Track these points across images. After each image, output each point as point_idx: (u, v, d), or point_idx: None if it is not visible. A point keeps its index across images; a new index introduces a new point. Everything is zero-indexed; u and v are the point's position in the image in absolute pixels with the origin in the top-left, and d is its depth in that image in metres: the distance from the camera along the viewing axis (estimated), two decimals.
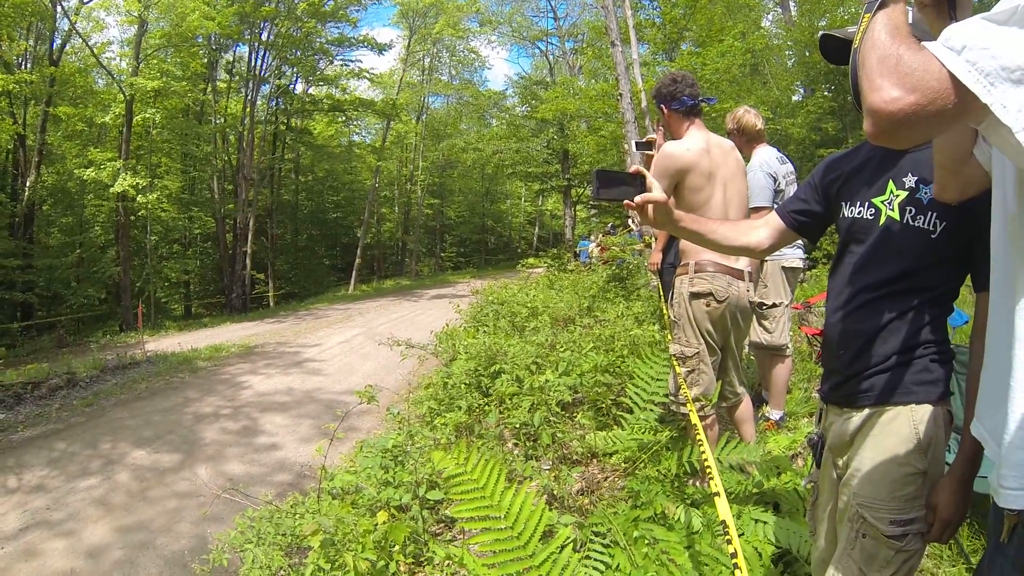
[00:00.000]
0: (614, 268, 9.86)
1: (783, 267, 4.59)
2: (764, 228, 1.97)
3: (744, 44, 17.49)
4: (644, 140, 4.42)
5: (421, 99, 41.75)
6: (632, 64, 13.74)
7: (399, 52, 38.75)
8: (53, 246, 26.89)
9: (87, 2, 24.88)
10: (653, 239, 6.72)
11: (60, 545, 4.45)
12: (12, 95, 22.56)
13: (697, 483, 3.36)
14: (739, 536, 2.55)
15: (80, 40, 24.59)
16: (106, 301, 27.28)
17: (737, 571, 1.50)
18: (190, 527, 4.66)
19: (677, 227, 1.88)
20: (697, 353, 3.37)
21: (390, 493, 3.40)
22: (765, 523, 2.68)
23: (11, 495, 5.34)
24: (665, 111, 3.58)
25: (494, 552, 2.46)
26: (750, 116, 4.64)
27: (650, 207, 1.78)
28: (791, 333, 4.79)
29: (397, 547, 2.93)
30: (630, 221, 12.39)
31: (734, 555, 1.55)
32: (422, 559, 3.15)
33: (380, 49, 31.79)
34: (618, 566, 2.58)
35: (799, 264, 4.70)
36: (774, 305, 4.57)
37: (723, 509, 1.73)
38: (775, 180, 4.41)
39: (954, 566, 2.74)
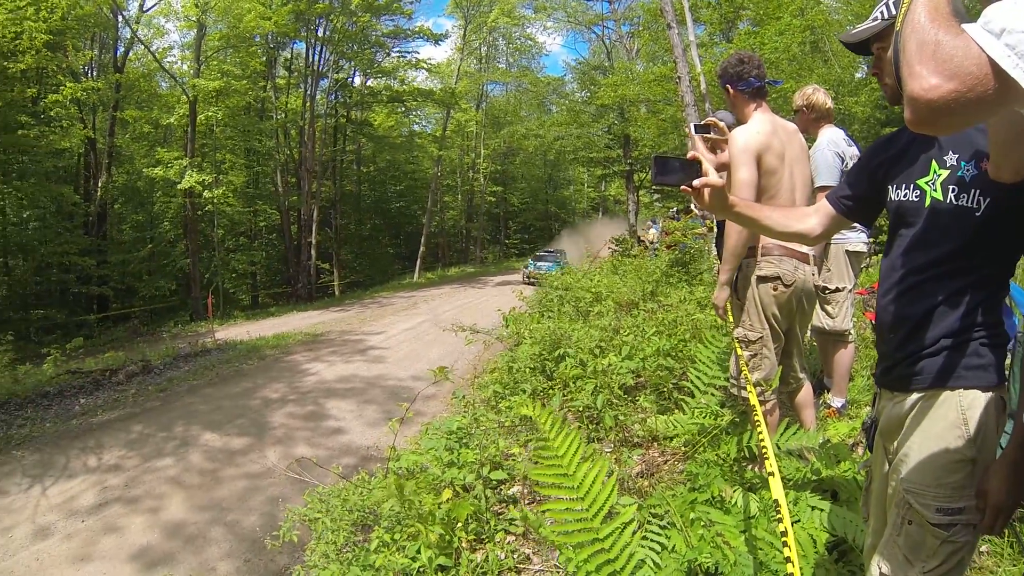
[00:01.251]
0: (677, 253, 9.79)
1: (847, 251, 4.48)
2: (815, 215, 1.94)
3: (803, 21, 16.95)
4: (703, 123, 4.36)
5: (480, 87, 41.87)
6: (689, 46, 13.53)
7: (455, 41, 39.02)
8: (125, 242, 28.27)
9: (147, 10, 25.87)
10: (715, 224, 6.65)
11: (138, 520, 4.72)
12: (81, 102, 23.75)
13: (756, 468, 3.35)
14: (795, 523, 2.53)
15: (142, 46, 25.63)
16: (177, 292, 28.39)
17: (786, 549, 1.51)
18: (260, 505, 4.88)
19: (732, 212, 1.88)
20: (761, 338, 3.35)
21: (454, 473, 3.50)
22: (821, 510, 2.65)
23: (91, 473, 5.68)
24: (731, 91, 3.53)
25: (564, 521, 2.52)
26: (820, 95, 4.55)
27: (707, 191, 1.79)
28: (855, 319, 4.69)
29: (460, 524, 3.03)
30: (693, 206, 12.21)
31: (784, 534, 1.56)
32: (483, 536, 3.24)
33: (436, 40, 32.09)
34: (674, 547, 2.61)
35: (863, 248, 4.58)
36: (837, 289, 4.48)
37: (776, 489, 1.73)
38: (842, 160, 4.32)
39: (1015, 565, 2.61)
